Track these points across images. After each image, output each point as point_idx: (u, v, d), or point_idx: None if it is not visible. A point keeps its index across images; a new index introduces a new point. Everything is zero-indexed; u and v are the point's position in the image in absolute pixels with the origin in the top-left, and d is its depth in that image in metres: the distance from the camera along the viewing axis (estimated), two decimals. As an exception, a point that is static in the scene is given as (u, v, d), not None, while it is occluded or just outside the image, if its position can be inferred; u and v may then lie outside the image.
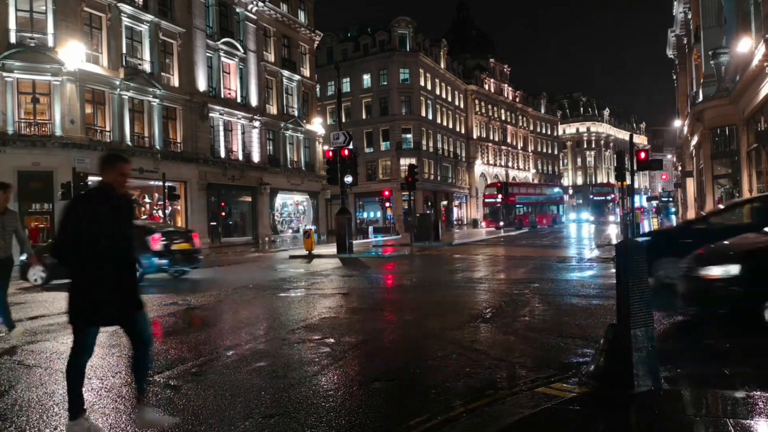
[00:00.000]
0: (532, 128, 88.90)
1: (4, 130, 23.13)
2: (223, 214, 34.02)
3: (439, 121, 63.67)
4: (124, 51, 27.39)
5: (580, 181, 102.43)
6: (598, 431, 3.73)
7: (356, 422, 3.97)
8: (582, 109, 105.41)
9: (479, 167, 72.59)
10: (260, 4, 36.48)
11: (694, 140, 31.46)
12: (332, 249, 22.69)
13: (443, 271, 14.96)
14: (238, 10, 35.19)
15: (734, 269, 5.83)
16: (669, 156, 67.44)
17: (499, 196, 50.39)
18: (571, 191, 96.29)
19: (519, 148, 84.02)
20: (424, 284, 12.56)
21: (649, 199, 61.16)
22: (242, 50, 35.06)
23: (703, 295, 6.23)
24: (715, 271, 6.03)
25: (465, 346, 6.10)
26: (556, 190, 64.39)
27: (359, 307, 9.35)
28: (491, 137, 76.53)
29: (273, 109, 38.60)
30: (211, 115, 32.47)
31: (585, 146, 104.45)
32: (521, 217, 51.86)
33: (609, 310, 7.49)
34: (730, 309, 6.06)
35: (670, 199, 52.82)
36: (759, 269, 5.82)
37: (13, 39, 23.57)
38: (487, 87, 75.35)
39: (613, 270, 6.67)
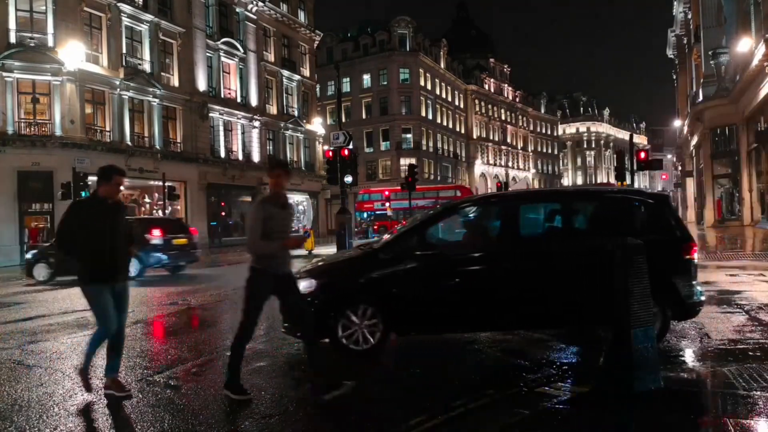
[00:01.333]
0: (532, 128, 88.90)
1: (4, 130, 23.12)
2: (223, 214, 34.03)
3: (439, 121, 63.68)
4: (124, 51, 27.38)
5: (580, 181, 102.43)
6: (598, 431, 3.73)
7: (356, 422, 3.98)
8: (582, 109, 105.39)
9: (479, 167, 72.61)
10: (260, 4, 36.46)
11: (694, 140, 31.46)
12: (332, 249, 22.68)
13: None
14: (238, 10, 35.18)
15: (313, 284, 5.80)
16: (669, 156, 67.48)
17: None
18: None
19: (519, 148, 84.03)
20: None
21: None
22: (242, 50, 35.05)
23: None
24: (300, 287, 5.77)
25: (463, 346, 6.10)
26: (451, 192, 42.95)
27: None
28: (491, 137, 76.54)
29: (273, 109, 38.59)
30: (211, 115, 32.47)
31: (585, 146, 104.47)
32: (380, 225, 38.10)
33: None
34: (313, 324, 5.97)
35: None
36: (331, 283, 5.89)
37: (13, 39, 23.56)
38: (487, 87, 75.34)
39: None
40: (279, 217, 4.59)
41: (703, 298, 5.91)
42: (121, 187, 4.64)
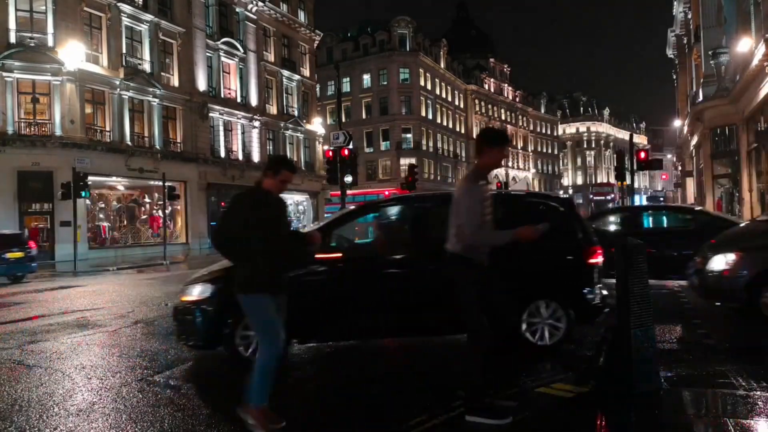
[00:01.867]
0: (532, 128, 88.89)
1: (4, 130, 23.11)
2: (223, 214, 34.01)
3: (439, 120, 63.67)
4: (124, 51, 27.36)
5: (580, 180, 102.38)
6: (598, 431, 3.73)
7: (356, 422, 3.98)
8: (582, 109, 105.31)
9: (479, 167, 72.53)
10: (260, 3, 36.45)
11: (694, 140, 31.45)
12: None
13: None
14: (237, 9, 35.17)
15: (208, 289, 5.39)
16: (669, 156, 67.50)
17: None
18: (571, 191, 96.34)
19: (519, 147, 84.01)
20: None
21: (648, 199, 61.19)
22: (242, 50, 35.04)
23: (181, 318, 5.61)
24: (194, 292, 5.51)
25: (463, 346, 6.09)
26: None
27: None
28: (491, 137, 76.43)
29: (273, 109, 38.58)
30: (211, 114, 32.46)
31: (585, 146, 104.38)
32: None
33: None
34: (204, 336, 5.44)
35: (661, 199, 53.20)
36: (227, 288, 5.07)
37: (13, 39, 23.53)
38: (487, 87, 75.34)
39: None
40: (488, 198, 3.93)
41: (607, 301, 5.86)
42: (287, 185, 3.96)
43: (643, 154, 22.28)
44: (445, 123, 65.44)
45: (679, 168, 49.12)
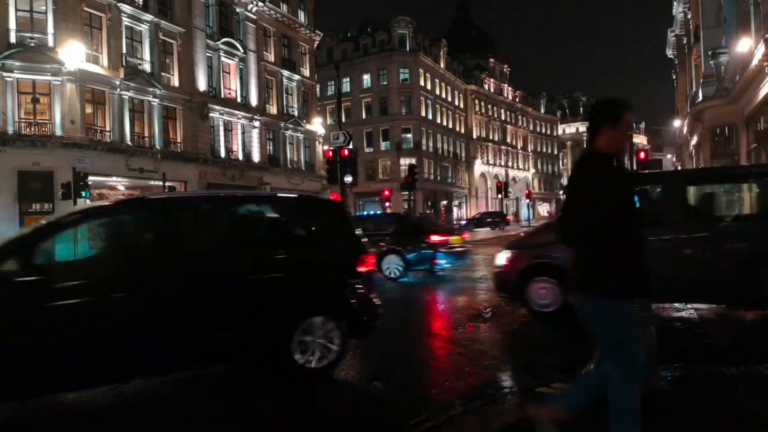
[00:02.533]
0: (531, 128, 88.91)
1: (5, 130, 23.10)
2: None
3: (438, 121, 63.67)
4: (124, 51, 27.36)
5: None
6: (597, 431, 3.74)
7: (356, 421, 3.98)
8: (582, 109, 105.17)
9: (479, 167, 72.60)
10: (260, 4, 36.45)
11: (694, 140, 31.47)
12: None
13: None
14: (238, 10, 35.17)
15: None
16: (669, 156, 67.46)
17: None
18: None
19: (519, 147, 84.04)
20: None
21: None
22: (242, 50, 35.04)
23: None
24: None
25: (465, 345, 6.10)
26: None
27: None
28: (491, 137, 76.53)
29: (273, 109, 38.58)
30: (211, 115, 32.46)
31: (585, 146, 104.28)
32: None
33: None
34: None
35: None
36: None
37: (13, 39, 23.52)
38: (486, 87, 75.34)
39: None
40: None
41: (380, 311, 5.45)
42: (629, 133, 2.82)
43: (642, 154, 22.31)
44: (445, 123, 65.45)
45: (679, 168, 49.11)
